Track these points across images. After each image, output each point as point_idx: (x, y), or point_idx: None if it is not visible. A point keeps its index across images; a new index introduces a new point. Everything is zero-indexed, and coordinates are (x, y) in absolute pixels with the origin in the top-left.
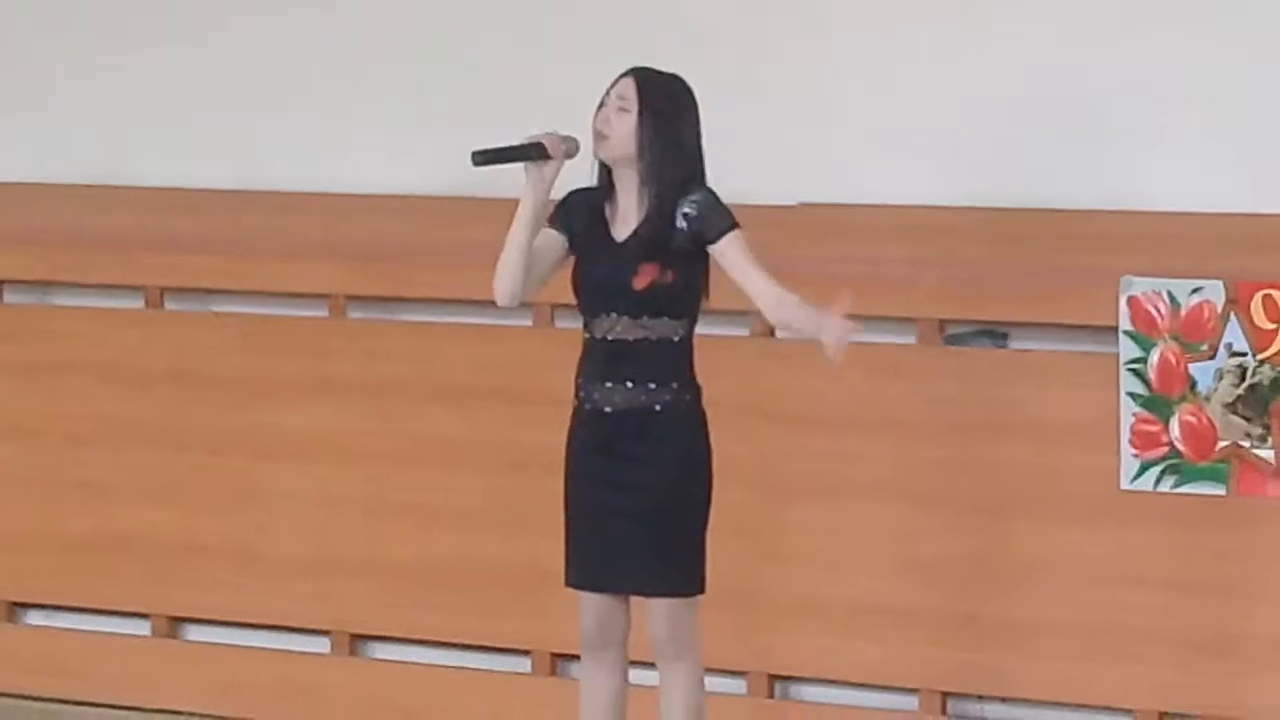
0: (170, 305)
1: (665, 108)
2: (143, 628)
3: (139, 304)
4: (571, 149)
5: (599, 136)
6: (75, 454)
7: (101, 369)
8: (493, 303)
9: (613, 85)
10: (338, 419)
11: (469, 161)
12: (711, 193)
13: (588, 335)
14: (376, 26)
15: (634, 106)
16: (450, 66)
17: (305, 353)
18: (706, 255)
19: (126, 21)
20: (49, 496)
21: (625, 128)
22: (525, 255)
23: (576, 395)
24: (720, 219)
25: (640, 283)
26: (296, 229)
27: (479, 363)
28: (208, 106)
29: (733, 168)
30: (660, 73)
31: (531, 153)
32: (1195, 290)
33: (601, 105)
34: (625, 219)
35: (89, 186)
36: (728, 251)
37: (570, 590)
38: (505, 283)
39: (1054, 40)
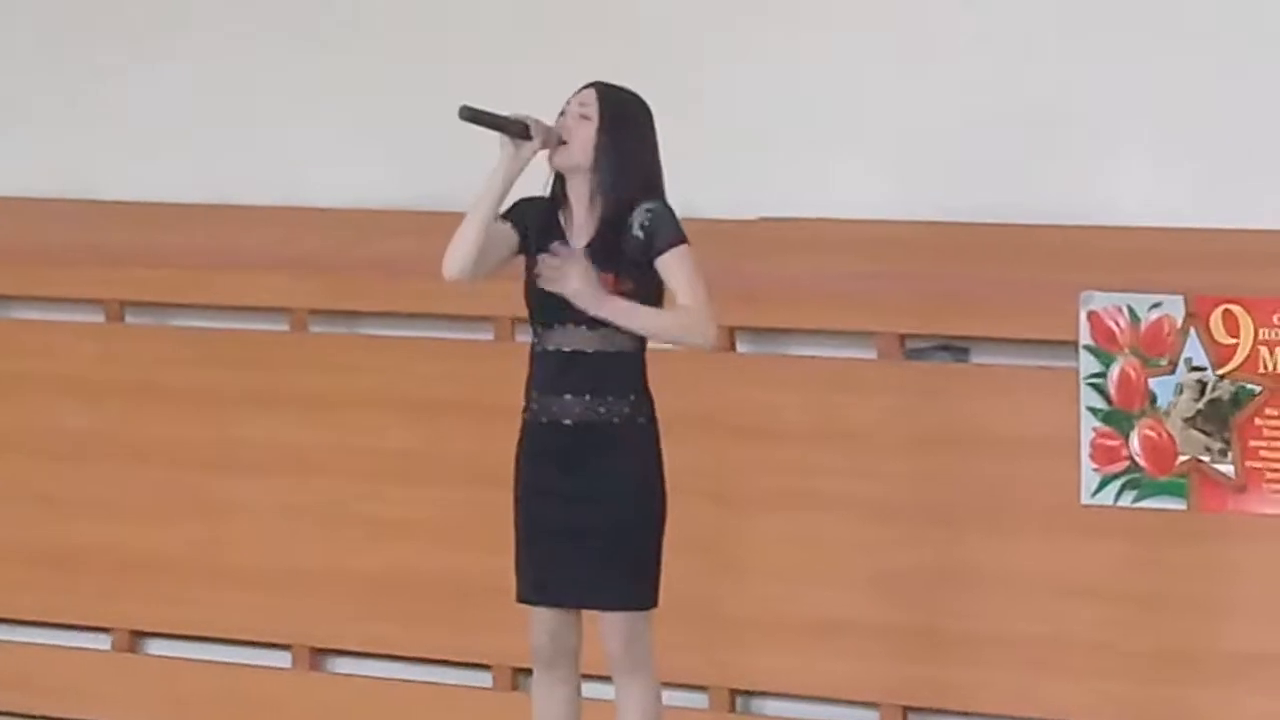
0: (130, 319)
1: (624, 121)
2: (103, 642)
3: (99, 318)
4: (551, 139)
5: (559, 143)
6: (34, 467)
7: (61, 382)
8: (454, 317)
9: (574, 95)
10: (298, 433)
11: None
12: (666, 205)
13: (539, 348)
14: (336, 41)
15: (594, 115)
16: (411, 80)
17: (265, 367)
18: None
19: (87, 37)
20: (7, 510)
21: (585, 135)
22: (484, 232)
23: (528, 409)
24: (670, 232)
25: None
26: (256, 243)
27: (439, 376)
28: (168, 120)
29: (692, 181)
30: (622, 88)
31: (515, 128)
32: (1155, 305)
33: (561, 115)
34: (580, 229)
35: (48, 200)
36: (672, 265)
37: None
38: (459, 256)
39: (1014, 54)
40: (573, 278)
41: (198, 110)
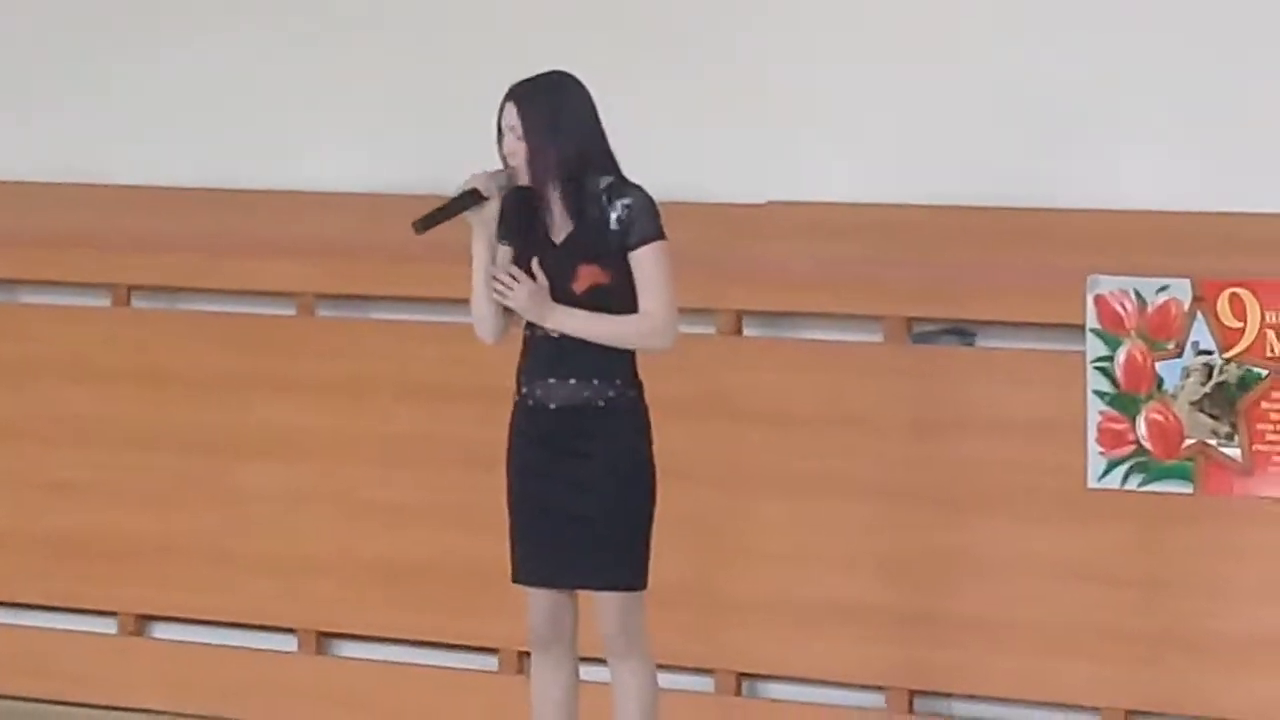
0: (138, 303)
1: (545, 116)
2: (110, 626)
3: (107, 302)
4: (502, 181)
5: (511, 167)
6: (43, 452)
7: (69, 367)
8: (462, 301)
9: (500, 113)
10: (306, 417)
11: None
12: (646, 196)
13: (528, 332)
14: (345, 25)
15: (520, 131)
16: (420, 65)
17: (274, 351)
18: None
19: (95, 22)
20: (16, 494)
21: (524, 152)
22: (492, 299)
23: (519, 391)
24: (646, 227)
25: (580, 286)
26: (265, 227)
27: (448, 361)
28: (176, 105)
29: (702, 166)
30: (535, 79)
31: (469, 201)
32: (1162, 289)
33: (500, 135)
34: (560, 222)
35: (56, 184)
36: (645, 262)
37: None
38: (487, 325)
39: (1021, 40)
40: (519, 294)
41: (204, 95)
